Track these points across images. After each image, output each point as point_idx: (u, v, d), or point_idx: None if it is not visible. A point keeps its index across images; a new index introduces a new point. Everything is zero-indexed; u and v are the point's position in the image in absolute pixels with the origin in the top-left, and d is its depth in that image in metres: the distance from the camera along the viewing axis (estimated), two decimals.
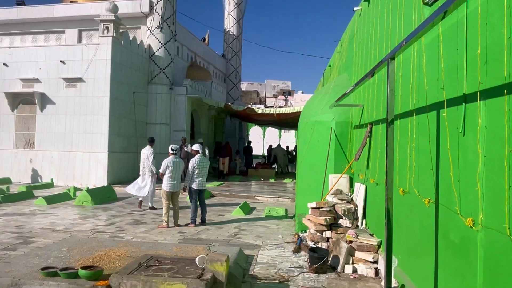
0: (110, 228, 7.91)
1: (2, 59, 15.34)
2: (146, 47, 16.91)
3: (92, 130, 14.32)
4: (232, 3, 27.25)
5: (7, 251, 6.00)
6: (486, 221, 2.51)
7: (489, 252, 2.48)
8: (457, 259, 2.95)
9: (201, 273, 4.24)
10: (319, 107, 8.10)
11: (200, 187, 8.31)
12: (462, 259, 2.87)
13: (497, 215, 2.38)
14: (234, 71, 27.83)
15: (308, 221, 6.62)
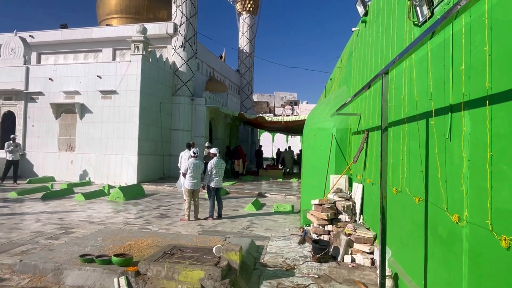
0: (139, 220, 7.96)
1: (48, 75, 15.61)
2: (171, 64, 17.06)
3: (124, 136, 14.47)
4: (246, 24, 27.36)
5: (51, 240, 6.06)
6: (471, 218, 2.48)
7: (473, 245, 2.46)
8: (444, 251, 2.92)
9: (218, 261, 4.26)
10: (321, 116, 8.08)
11: (217, 186, 8.32)
12: (449, 251, 2.84)
13: (480, 213, 2.35)
14: (247, 84, 27.90)
15: (311, 216, 6.59)
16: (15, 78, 15.89)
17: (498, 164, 2.16)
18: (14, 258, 4.93)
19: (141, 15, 22.28)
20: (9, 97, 15.99)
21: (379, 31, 5.45)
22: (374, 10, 6.07)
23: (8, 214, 8.16)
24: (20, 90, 15.68)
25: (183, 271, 4.02)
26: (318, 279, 4.57)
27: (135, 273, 4.07)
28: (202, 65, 20.45)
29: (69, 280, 4.17)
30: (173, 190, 13.02)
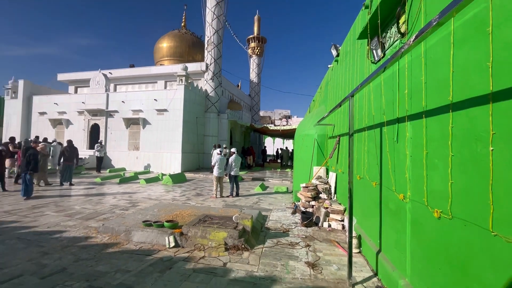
0: (182, 197, 7.97)
1: (121, 99, 15.81)
2: (204, 91, 17.12)
3: (172, 140, 14.55)
4: (255, 63, 27.34)
5: (123, 210, 6.11)
6: (412, 196, 2.44)
7: (414, 216, 2.42)
8: (393, 219, 2.87)
9: (236, 226, 4.25)
10: (307, 126, 8.01)
11: (236, 174, 8.31)
12: (396, 220, 2.79)
13: (418, 193, 2.31)
14: (255, 104, 27.85)
15: (300, 195, 6.53)
16: (100, 101, 16.14)
17: (431, 159, 2.13)
18: (98, 223, 4.99)
19: (184, 57, 22.47)
20: (95, 114, 16.26)
21: (347, 67, 5.40)
22: (343, 52, 6.02)
23: (95, 193, 8.28)
24: (103, 109, 15.92)
25: (212, 232, 4.02)
26: (305, 238, 4.53)
27: (180, 234, 4.09)
28: (225, 91, 20.50)
29: (135, 238, 4.21)
30: (205, 177, 13.05)
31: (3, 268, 3.17)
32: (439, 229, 1.99)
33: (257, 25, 27.90)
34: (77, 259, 3.48)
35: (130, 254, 3.69)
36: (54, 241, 4.08)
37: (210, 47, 17.23)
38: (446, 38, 1.96)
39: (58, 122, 17.16)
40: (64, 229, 4.62)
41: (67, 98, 17.32)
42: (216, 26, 17.29)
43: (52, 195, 7.67)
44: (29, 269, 3.15)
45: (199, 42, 23.58)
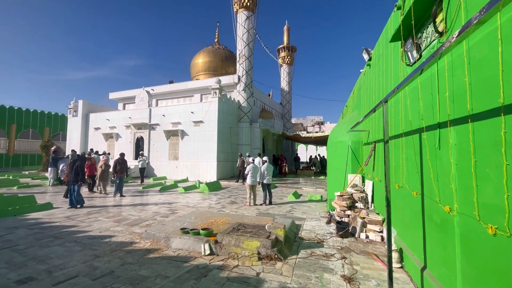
0: (217, 205, 8.10)
1: (162, 112, 16.86)
2: (236, 101, 17.54)
3: (208, 149, 15.06)
4: (285, 72, 27.36)
5: (164, 217, 6.40)
6: (460, 209, 2.18)
7: (464, 231, 2.14)
8: (440, 234, 2.59)
9: (269, 235, 4.19)
10: (340, 132, 7.72)
11: (268, 182, 8.27)
12: (443, 234, 2.51)
13: (468, 205, 2.05)
14: (287, 112, 27.68)
15: (335, 204, 6.25)
16: (143, 116, 17.43)
17: (481, 168, 1.88)
18: (141, 229, 5.30)
19: (218, 71, 23.36)
20: (140, 127, 17.56)
21: (380, 70, 5.12)
22: (375, 56, 5.73)
23: (139, 201, 8.84)
24: (146, 123, 17.15)
25: (246, 241, 4.01)
26: (341, 250, 4.29)
27: (215, 242, 4.15)
28: (256, 101, 20.76)
29: (173, 244, 4.37)
30: (240, 185, 13.20)
31: (63, 268, 3.50)
32: (495, 248, 1.73)
33: (287, 34, 28.02)
34: (123, 263, 3.71)
35: (169, 260, 3.83)
36: (104, 245, 4.42)
37: (241, 60, 17.69)
38: (492, 34, 1.75)
39: (109, 136, 18.87)
40: (113, 234, 4.99)
41: (117, 114, 19.02)
42: (247, 40, 17.74)
43: (105, 202, 8.37)
44: (83, 271, 3.44)
45: (232, 56, 24.37)
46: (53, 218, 6.25)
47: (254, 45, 18.44)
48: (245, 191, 10.19)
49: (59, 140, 25.45)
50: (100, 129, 19.25)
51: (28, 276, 3.28)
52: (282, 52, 27.44)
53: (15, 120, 23.23)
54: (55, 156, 11.83)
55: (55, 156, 11.84)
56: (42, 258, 3.85)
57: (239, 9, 18.08)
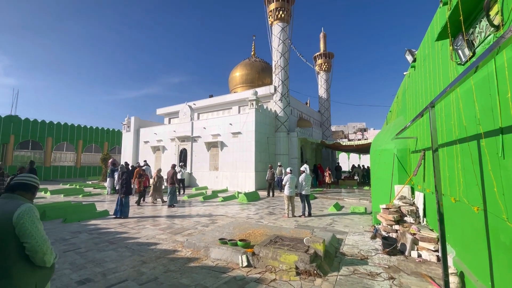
0: (255, 216, 8.10)
1: (203, 125, 17.75)
2: (273, 112, 17.66)
3: (246, 160, 15.32)
4: (323, 79, 26.80)
5: (204, 227, 6.61)
6: None
7: None
8: (510, 257, 2.20)
9: (307, 249, 4.04)
10: (383, 140, 7.21)
11: (307, 193, 8.04)
12: None
13: None
14: (326, 120, 26.89)
15: (380, 217, 5.79)
16: (186, 129, 18.57)
17: None
18: (183, 238, 5.55)
19: (254, 83, 23.92)
20: (183, 140, 18.72)
21: (427, 72, 4.70)
22: (420, 57, 5.29)
23: (182, 210, 9.30)
24: (189, 136, 18.22)
25: (283, 254, 3.92)
26: (388, 269, 3.92)
27: (252, 253, 4.14)
28: (293, 110, 20.62)
29: (212, 254, 4.47)
30: (278, 195, 13.07)
31: (115, 272, 3.83)
32: None
33: (323, 41, 27.60)
34: (166, 270, 3.91)
35: (208, 270, 3.92)
36: (150, 252, 4.73)
37: (277, 70, 17.88)
38: None
39: (156, 149, 20.46)
40: (158, 242, 5.32)
41: (163, 128, 20.59)
42: (282, 50, 17.91)
43: (152, 211, 9.01)
44: (132, 275, 3.72)
45: (267, 67, 24.78)
46: (109, 224, 6.92)
47: (290, 55, 18.53)
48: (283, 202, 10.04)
49: (116, 153, 28.40)
50: (149, 142, 21.01)
51: (87, 278, 3.65)
52: (319, 60, 27.02)
53: (81, 137, 26.69)
54: (113, 168, 13.19)
55: (113, 167, 13.20)
56: (98, 261, 4.26)
57: (274, 22, 18.45)
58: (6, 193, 1.81)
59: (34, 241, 1.63)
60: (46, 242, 1.70)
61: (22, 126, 22.69)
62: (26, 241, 1.62)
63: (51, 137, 24.47)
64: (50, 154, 24.32)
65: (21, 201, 1.75)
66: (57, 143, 24.93)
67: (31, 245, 1.63)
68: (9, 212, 1.63)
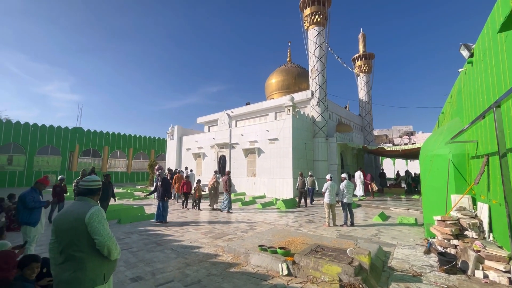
0: (294, 224, 7.93)
1: (240, 132, 18.15)
2: (310, 117, 17.33)
3: (283, 166, 15.21)
4: (363, 81, 25.57)
5: (243, 232, 6.70)
6: None
7: None
8: None
9: (351, 261, 3.83)
10: (435, 144, 6.56)
11: (349, 201, 7.67)
12: None
13: None
14: (367, 124, 25.48)
15: (435, 230, 5.24)
16: (225, 136, 19.20)
17: None
18: (224, 243, 5.68)
19: (290, 89, 23.83)
20: (222, 147, 19.36)
21: (488, 67, 4.19)
22: (479, 51, 4.74)
23: (222, 215, 9.52)
24: (227, 143, 18.79)
25: (325, 265, 3.78)
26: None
27: (292, 262, 4.07)
28: (332, 114, 19.98)
29: (252, 261, 4.50)
30: (317, 202, 12.68)
31: (163, 272, 4.08)
32: None
33: (362, 42, 26.44)
34: (208, 273, 4.05)
35: (248, 276, 3.95)
36: (193, 255, 4.94)
37: (314, 75, 17.59)
38: None
39: (197, 155, 21.48)
40: (200, 246, 5.53)
41: (203, 136, 21.58)
42: (319, 54, 17.60)
43: (194, 216, 9.43)
44: (177, 277, 3.92)
45: (304, 72, 24.52)
46: (156, 227, 7.42)
47: (327, 58, 18.12)
48: (323, 210, 9.69)
49: (161, 160, 30.53)
50: (190, 150, 22.17)
51: (138, 276, 3.95)
52: (358, 61, 25.90)
53: (132, 145, 29.32)
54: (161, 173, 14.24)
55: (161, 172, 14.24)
56: (148, 261, 4.59)
57: (309, 26, 18.29)
58: (78, 196, 2.11)
59: (101, 238, 1.91)
60: (111, 238, 1.97)
61: (84, 136, 25.79)
62: (96, 237, 1.91)
63: (108, 145, 27.33)
64: (107, 160, 27.13)
65: (91, 203, 2.05)
66: (112, 151, 27.74)
67: (99, 241, 1.91)
68: (82, 213, 1.94)
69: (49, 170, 23.05)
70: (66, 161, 24.24)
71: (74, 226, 1.90)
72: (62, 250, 1.88)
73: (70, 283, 1.84)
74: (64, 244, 1.88)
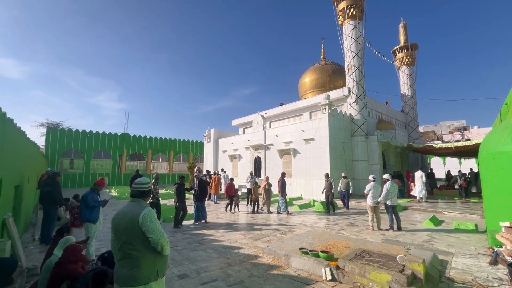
0: (335, 226, 7.64)
1: (275, 133, 18.12)
2: (348, 115, 16.60)
3: (320, 167, 14.78)
4: (405, 75, 23.72)
5: (282, 234, 6.63)
6: None
7: None
8: None
9: (402, 269, 3.54)
10: (500, 140, 5.78)
11: (393, 203, 7.16)
12: None
13: None
14: (412, 120, 23.54)
15: (502, 238, 4.62)
16: (259, 137, 19.33)
17: None
18: (263, 244, 5.68)
19: (325, 87, 23.13)
20: (257, 148, 19.51)
21: None
22: None
23: (260, 217, 9.57)
24: (262, 144, 18.89)
25: (373, 272, 3.55)
26: None
27: (336, 267, 3.90)
28: (371, 112, 18.89)
29: (293, 263, 4.42)
30: (358, 205, 12.06)
31: (206, 271, 4.22)
32: None
33: (403, 33, 24.57)
34: (250, 274, 4.08)
35: (290, 279, 3.89)
36: (234, 255, 5.03)
37: (350, 71, 16.84)
38: None
39: (233, 157, 21.96)
40: (240, 246, 5.61)
41: (238, 138, 21.99)
42: (355, 49, 16.81)
43: (233, 216, 9.63)
44: (220, 276, 4.02)
45: (339, 69, 23.62)
46: (197, 226, 7.73)
47: (364, 53, 17.21)
48: (366, 213, 9.18)
49: (199, 162, 31.87)
50: (226, 152, 22.75)
51: (184, 273, 4.14)
52: (399, 53, 24.13)
53: (172, 148, 31.11)
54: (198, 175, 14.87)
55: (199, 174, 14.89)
56: (192, 259, 4.79)
57: (344, 21, 17.59)
58: (131, 198, 2.27)
59: (155, 236, 2.05)
60: (164, 235, 2.12)
61: (131, 141, 28.05)
62: (150, 236, 2.05)
63: (151, 149, 29.37)
64: (150, 163, 29.15)
65: (144, 204, 2.19)
66: (155, 154, 29.73)
67: (153, 239, 2.05)
68: (136, 214, 2.10)
69: (103, 173, 25.52)
70: (116, 164, 26.59)
71: (130, 227, 2.06)
72: (119, 248, 2.05)
73: (128, 279, 2.00)
74: (122, 243, 2.05)
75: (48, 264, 3.14)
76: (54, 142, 23.24)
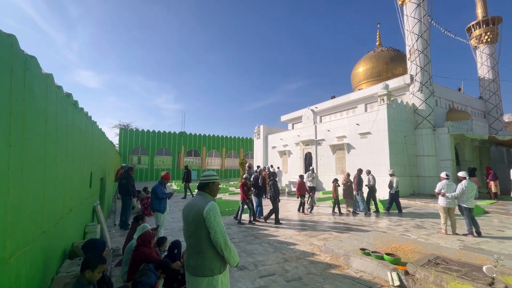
0: (398, 228, 6.98)
1: (326, 128, 17.41)
2: (411, 105, 14.94)
3: (378, 163, 13.67)
4: (484, 55, 20.17)
5: (339, 233, 6.37)
6: None
7: None
8: None
9: (492, 282, 3.04)
10: None
11: (470, 206, 6.19)
12: None
13: None
14: (494, 107, 19.94)
15: None
16: (310, 132, 18.83)
17: None
18: (320, 242, 5.53)
19: (382, 76, 21.27)
20: (307, 144, 19.06)
21: None
22: None
23: (313, 214, 9.33)
24: (312, 139, 18.37)
25: (452, 282, 3.13)
26: None
27: (405, 272, 3.56)
28: (440, 100, 16.63)
29: (354, 264, 4.20)
30: (424, 205, 10.82)
31: (264, 265, 4.30)
32: None
33: (481, 5, 20.87)
34: (308, 272, 4.01)
35: (352, 280, 3.70)
36: (290, 251, 5.01)
37: (413, 56, 15.09)
38: None
39: (283, 153, 21.90)
40: (296, 242, 5.57)
41: (288, 134, 21.81)
42: (419, 31, 14.97)
43: (284, 212, 9.62)
44: (278, 271, 4.05)
45: (398, 55, 21.41)
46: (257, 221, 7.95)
47: (430, 34, 15.20)
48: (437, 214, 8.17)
49: (249, 158, 32.71)
50: (276, 148, 22.82)
51: (243, 265, 4.29)
52: (476, 30, 20.61)
53: (224, 145, 32.61)
54: (249, 170, 15.28)
55: (249, 170, 15.29)
56: (249, 252, 4.94)
57: (405, 1, 15.79)
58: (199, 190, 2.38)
59: (214, 233, 2.04)
60: (223, 234, 2.06)
61: (188, 139, 30.33)
62: (210, 231, 2.06)
63: (205, 146, 31.29)
64: (205, 159, 31.09)
65: (208, 198, 2.25)
66: (209, 150, 31.57)
67: (212, 235, 2.04)
68: (201, 208, 2.12)
69: (164, 168, 28.22)
70: (176, 160, 29.11)
71: (196, 219, 2.12)
72: (188, 238, 2.17)
73: (195, 269, 2.08)
74: (190, 233, 2.16)
75: (129, 247, 3.60)
76: (125, 141, 26.58)
